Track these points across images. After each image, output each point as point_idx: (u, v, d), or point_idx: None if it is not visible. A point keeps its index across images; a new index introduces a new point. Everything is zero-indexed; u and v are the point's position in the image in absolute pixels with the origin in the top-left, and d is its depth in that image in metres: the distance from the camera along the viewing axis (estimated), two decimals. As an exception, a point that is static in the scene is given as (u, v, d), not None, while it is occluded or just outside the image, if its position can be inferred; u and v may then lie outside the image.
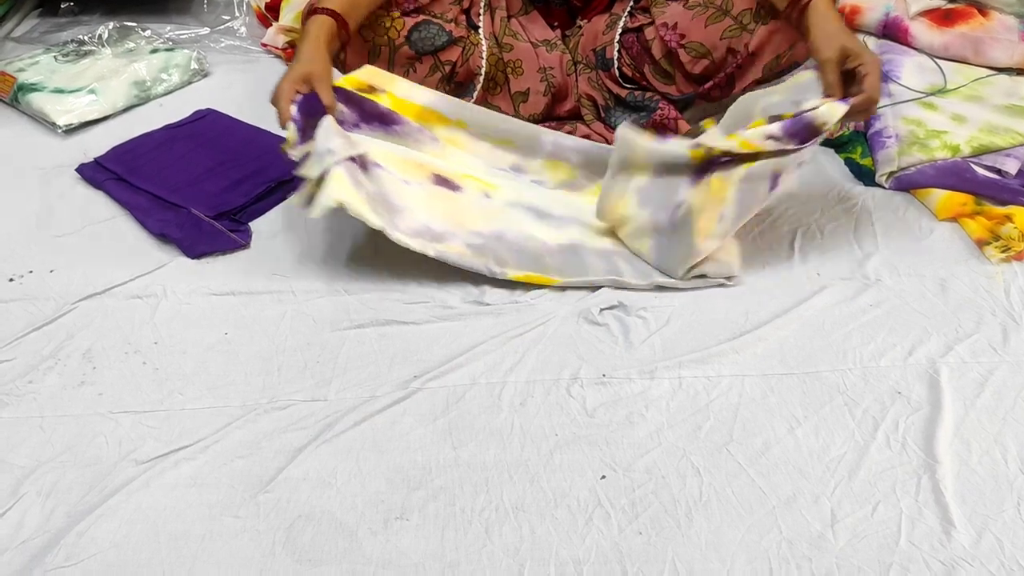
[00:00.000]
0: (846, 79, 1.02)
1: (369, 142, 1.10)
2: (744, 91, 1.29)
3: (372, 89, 1.13)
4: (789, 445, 0.84)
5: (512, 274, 1.05)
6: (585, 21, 1.38)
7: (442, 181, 1.12)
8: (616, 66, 1.32)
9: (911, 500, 0.79)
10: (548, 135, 1.20)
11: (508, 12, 1.35)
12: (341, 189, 0.98)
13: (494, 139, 1.20)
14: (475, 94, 1.30)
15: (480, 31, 1.29)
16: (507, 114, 1.33)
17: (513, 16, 1.35)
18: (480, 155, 1.18)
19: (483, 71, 1.29)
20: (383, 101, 1.13)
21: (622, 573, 0.73)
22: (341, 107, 1.11)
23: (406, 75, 1.25)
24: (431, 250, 1.04)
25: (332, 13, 1.12)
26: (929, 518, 0.77)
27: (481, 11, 1.30)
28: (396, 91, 1.15)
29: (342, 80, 1.12)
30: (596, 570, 0.73)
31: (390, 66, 1.23)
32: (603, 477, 0.81)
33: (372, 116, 1.12)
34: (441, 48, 1.25)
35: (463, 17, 1.29)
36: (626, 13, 1.31)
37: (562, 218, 1.13)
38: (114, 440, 0.85)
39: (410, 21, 1.23)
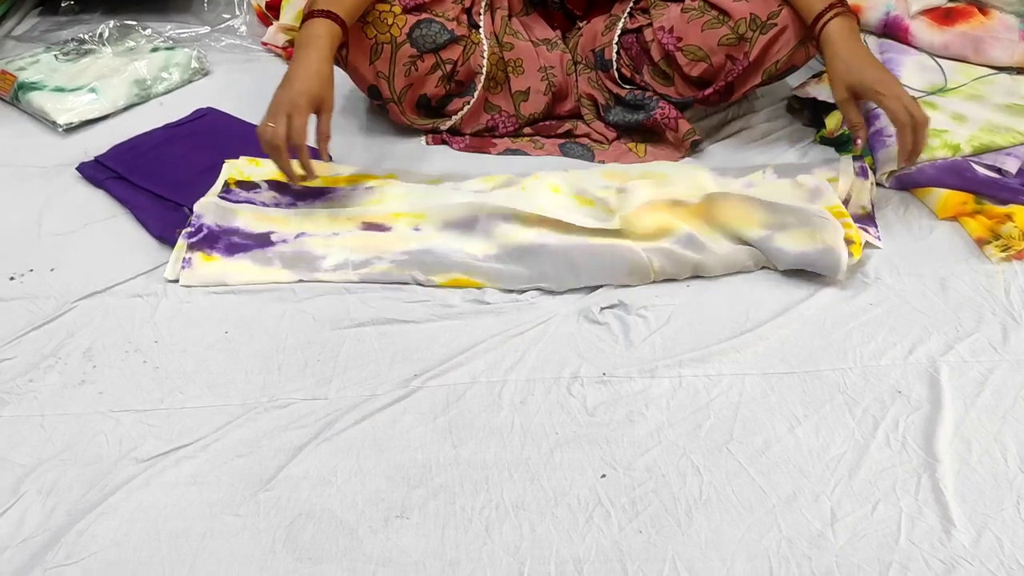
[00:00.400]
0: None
1: (293, 217, 1.13)
2: (744, 96, 1.30)
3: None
4: (789, 444, 0.84)
5: (439, 280, 1.05)
6: (585, 22, 1.38)
7: (372, 226, 1.12)
8: (615, 67, 1.31)
9: (911, 499, 0.79)
10: (475, 172, 1.23)
11: (509, 11, 1.34)
12: (246, 275, 1.06)
13: (427, 181, 1.21)
14: (476, 93, 1.30)
15: (481, 30, 1.29)
16: (508, 113, 1.33)
17: (514, 15, 1.35)
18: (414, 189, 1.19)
19: (484, 70, 1.29)
20: (315, 183, 1.17)
21: (622, 571, 0.73)
22: (274, 194, 1.16)
23: (407, 74, 1.25)
24: (354, 276, 1.06)
25: (334, 16, 1.11)
26: (929, 517, 0.77)
27: (482, 10, 1.30)
28: (324, 173, 1.19)
29: (276, 177, 1.17)
30: (596, 568, 0.73)
31: (391, 64, 1.23)
32: (603, 476, 0.81)
33: (305, 194, 1.16)
34: (443, 46, 1.24)
35: (464, 16, 1.29)
36: (625, 14, 1.31)
37: (491, 217, 1.09)
38: (114, 438, 0.85)
39: (412, 18, 1.23)
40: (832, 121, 1.32)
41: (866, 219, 1.13)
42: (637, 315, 1.00)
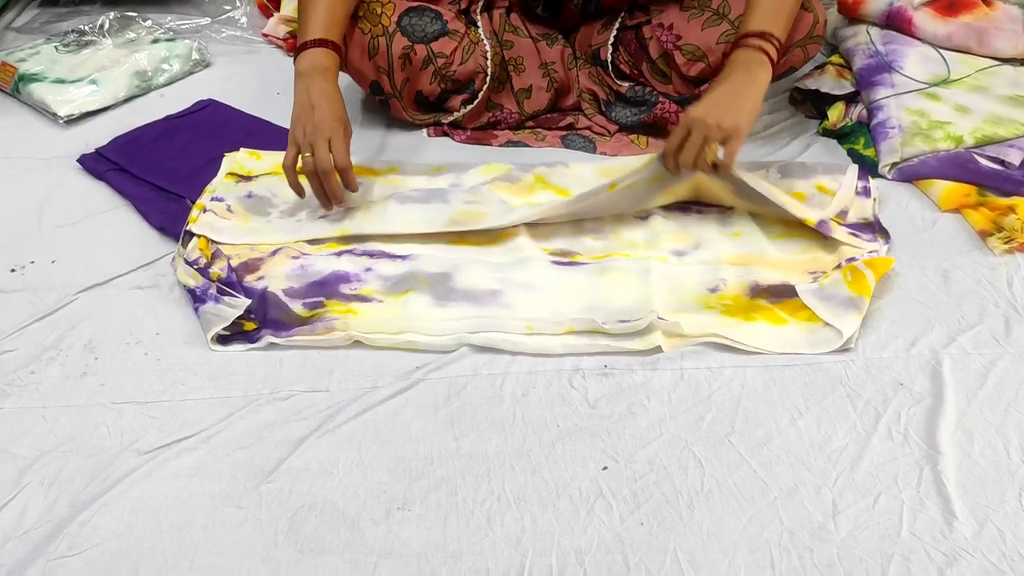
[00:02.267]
0: None
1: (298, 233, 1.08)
2: None
3: None
4: (791, 436, 0.84)
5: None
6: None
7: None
8: (611, 66, 1.31)
9: (913, 491, 0.78)
10: (475, 161, 1.22)
11: (508, 7, 1.33)
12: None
13: (429, 171, 1.20)
14: (480, 94, 1.29)
15: (480, 29, 1.29)
16: (511, 111, 1.33)
17: (513, 10, 1.34)
18: (417, 187, 1.16)
19: (489, 72, 1.28)
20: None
21: (624, 563, 0.73)
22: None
23: (403, 68, 1.24)
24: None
25: (330, 44, 1.09)
26: (931, 509, 0.77)
27: (479, 10, 1.29)
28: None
29: (274, 171, 1.16)
30: (598, 560, 0.73)
31: (388, 58, 1.23)
32: (605, 468, 0.81)
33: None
34: (434, 37, 1.23)
35: (462, 18, 1.28)
36: (624, 11, 1.30)
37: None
38: (116, 430, 0.85)
39: (402, 5, 1.22)
40: (834, 114, 1.32)
41: (866, 228, 1.09)
42: (639, 307, 0.99)
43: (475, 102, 1.30)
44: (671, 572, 0.72)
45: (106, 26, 1.56)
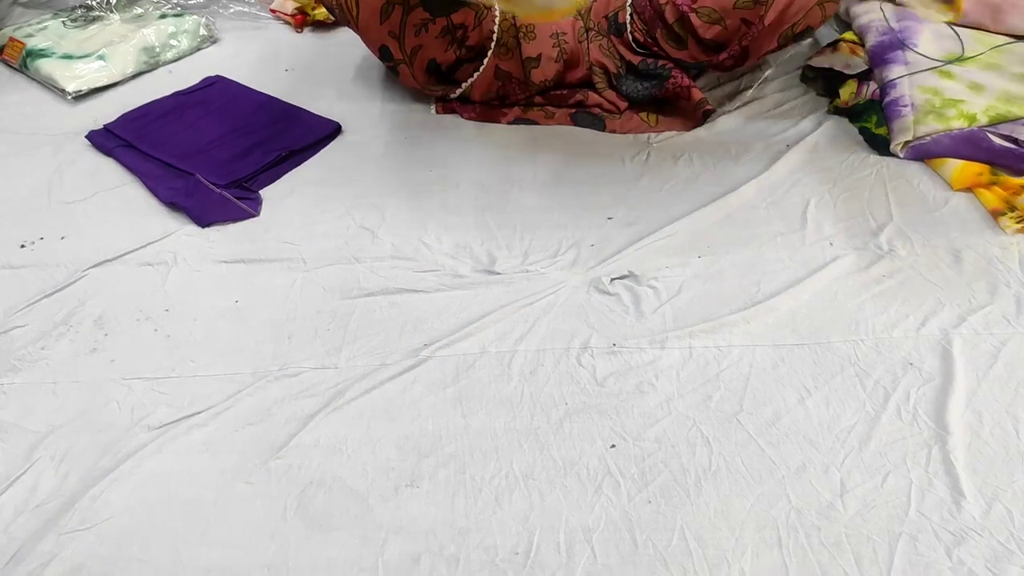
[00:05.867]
0: None
1: None
2: (758, 62, 1.29)
3: None
4: (799, 415, 0.84)
5: None
6: None
7: None
8: (629, 31, 1.30)
9: (921, 471, 0.78)
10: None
11: None
12: None
13: None
14: (486, 59, 1.29)
15: None
16: (517, 79, 1.32)
17: None
18: None
19: (495, 35, 1.27)
20: None
21: (631, 541, 0.73)
22: None
23: (416, 36, 1.23)
24: None
25: None
26: (939, 488, 0.77)
27: None
28: None
29: None
30: (605, 538, 0.74)
31: (402, 27, 1.22)
32: (613, 446, 0.81)
33: None
34: (454, 9, 1.23)
35: None
36: None
37: None
38: (126, 406, 0.86)
39: None
40: (846, 91, 1.30)
41: None
42: (647, 286, 0.99)
43: (482, 68, 1.29)
44: (678, 550, 0.73)
45: (113, 1, 1.55)
